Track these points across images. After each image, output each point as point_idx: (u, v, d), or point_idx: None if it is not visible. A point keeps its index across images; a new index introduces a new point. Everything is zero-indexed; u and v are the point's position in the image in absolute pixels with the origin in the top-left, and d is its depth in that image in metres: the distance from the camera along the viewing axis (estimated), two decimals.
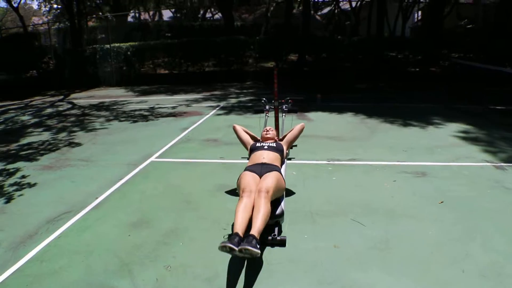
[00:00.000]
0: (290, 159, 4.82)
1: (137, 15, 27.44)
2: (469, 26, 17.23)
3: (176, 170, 4.74)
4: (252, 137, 3.97)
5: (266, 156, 3.37)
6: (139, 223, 3.39)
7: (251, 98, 10.04)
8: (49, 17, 25.47)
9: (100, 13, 23.12)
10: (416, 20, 22.71)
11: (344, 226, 3.09)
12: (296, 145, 5.14)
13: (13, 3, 18.65)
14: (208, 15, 27.46)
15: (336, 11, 22.97)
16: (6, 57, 14.90)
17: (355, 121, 6.77)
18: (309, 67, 13.41)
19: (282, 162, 3.59)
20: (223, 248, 2.34)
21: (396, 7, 17.50)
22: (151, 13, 29.91)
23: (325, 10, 26.05)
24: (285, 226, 3.15)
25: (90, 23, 22.44)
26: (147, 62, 15.10)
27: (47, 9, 24.94)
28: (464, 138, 5.46)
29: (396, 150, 4.98)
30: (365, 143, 5.37)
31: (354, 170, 4.36)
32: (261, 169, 3.18)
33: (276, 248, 2.83)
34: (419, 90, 10.69)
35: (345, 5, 22.90)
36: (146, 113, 8.83)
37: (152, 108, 9.56)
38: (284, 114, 5.05)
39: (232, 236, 2.44)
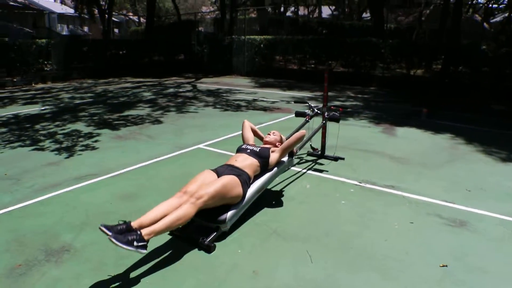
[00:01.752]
0: (322, 171, 4.54)
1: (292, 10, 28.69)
2: None
3: (206, 160, 5.04)
4: (259, 137, 3.95)
5: (240, 160, 3.35)
6: (127, 197, 3.83)
7: (358, 103, 9.51)
8: (215, 7, 29.00)
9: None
10: None
11: (290, 254, 2.84)
12: (343, 158, 4.83)
13: None
14: (366, 15, 26.75)
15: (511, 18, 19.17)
16: (165, 41, 17.77)
17: (445, 144, 5.75)
18: (452, 79, 11.79)
19: (266, 170, 3.47)
20: (100, 229, 2.39)
21: None
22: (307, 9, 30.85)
23: (499, 18, 21.99)
24: (235, 234, 3.10)
25: (252, 15, 24.62)
26: (278, 56, 15.79)
27: None
28: None
29: (457, 188, 4.10)
30: (427, 172, 4.58)
31: (377, 198, 3.83)
32: (225, 170, 3.18)
33: (201, 254, 2.84)
34: None
35: None
36: (244, 104, 9.37)
37: (255, 100, 10.05)
38: (325, 121, 4.75)
39: (121, 223, 2.52)
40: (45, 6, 30.77)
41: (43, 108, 8.42)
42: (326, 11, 29.43)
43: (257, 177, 3.42)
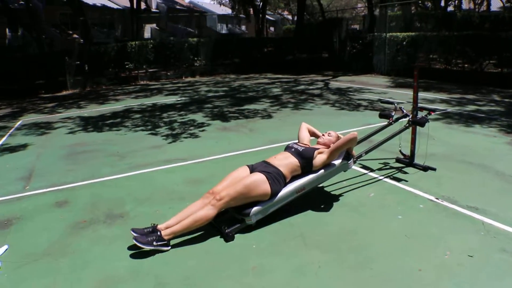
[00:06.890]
0: (400, 180, 4.10)
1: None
2: None
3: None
4: (316, 137, 3.84)
5: (279, 157, 3.37)
6: (194, 182, 4.29)
7: (498, 109, 7.94)
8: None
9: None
10: None
11: (299, 261, 2.74)
12: (434, 169, 4.28)
13: None
14: None
15: None
16: (310, 39, 18.16)
17: None
18: None
19: (310, 171, 3.36)
20: (131, 233, 2.88)
21: None
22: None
23: None
24: (261, 230, 3.18)
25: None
26: (422, 54, 14.37)
27: None
28: None
29: None
30: None
31: (445, 220, 3.27)
32: (258, 167, 3.26)
33: (219, 241, 3.02)
34: None
35: None
36: (364, 104, 8.94)
37: (379, 100, 9.45)
38: (408, 124, 4.27)
39: (149, 226, 2.95)
40: (208, 8, 36.36)
41: (178, 99, 9.75)
42: (496, 3, 25.11)
43: (297, 177, 3.35)
